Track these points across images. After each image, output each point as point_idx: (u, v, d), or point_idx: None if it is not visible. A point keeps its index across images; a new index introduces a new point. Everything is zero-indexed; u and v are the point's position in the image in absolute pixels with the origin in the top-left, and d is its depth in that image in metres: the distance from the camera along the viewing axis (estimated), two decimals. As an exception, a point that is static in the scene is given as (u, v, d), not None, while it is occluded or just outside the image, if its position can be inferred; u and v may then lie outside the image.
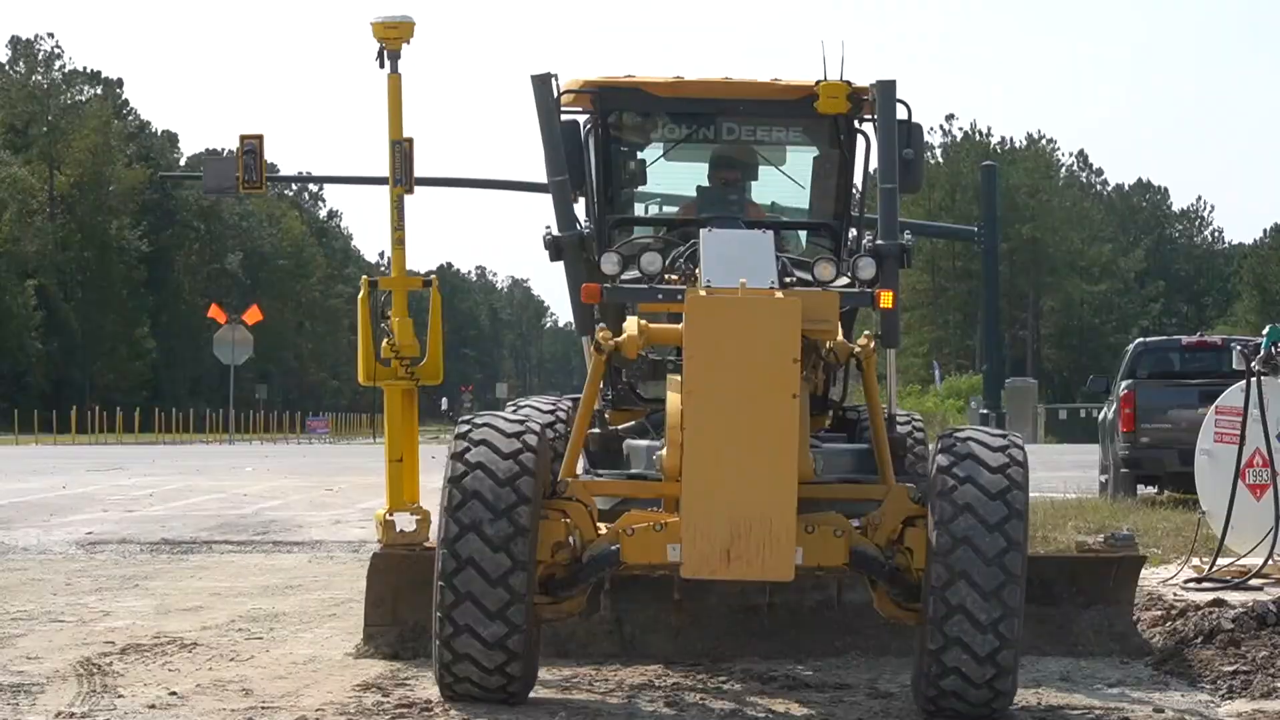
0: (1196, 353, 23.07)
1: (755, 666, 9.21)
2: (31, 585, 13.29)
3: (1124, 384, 22.65)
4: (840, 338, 8.49)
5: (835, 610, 9.59)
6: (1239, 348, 13.55)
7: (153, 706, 8.09)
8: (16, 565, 14.92)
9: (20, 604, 12.04)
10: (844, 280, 8.81)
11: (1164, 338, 25.80)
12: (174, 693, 8.43)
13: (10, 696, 8.28)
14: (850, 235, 10.04)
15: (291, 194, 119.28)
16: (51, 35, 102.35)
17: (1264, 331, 13.55)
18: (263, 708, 8.09)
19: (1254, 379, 13.13)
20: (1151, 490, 22.97)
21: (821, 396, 9.56)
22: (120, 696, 8.32)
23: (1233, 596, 11.24)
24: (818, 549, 7.93)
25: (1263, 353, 13.18)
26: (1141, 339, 25.44)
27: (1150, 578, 12.08)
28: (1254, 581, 12.25)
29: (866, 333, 8.91)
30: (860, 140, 9.96)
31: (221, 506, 22.45)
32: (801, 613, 9.61)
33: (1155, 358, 23.41)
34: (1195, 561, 13.18)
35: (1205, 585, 12.12)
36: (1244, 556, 12.97)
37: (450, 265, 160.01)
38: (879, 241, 9.34)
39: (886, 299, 8.72)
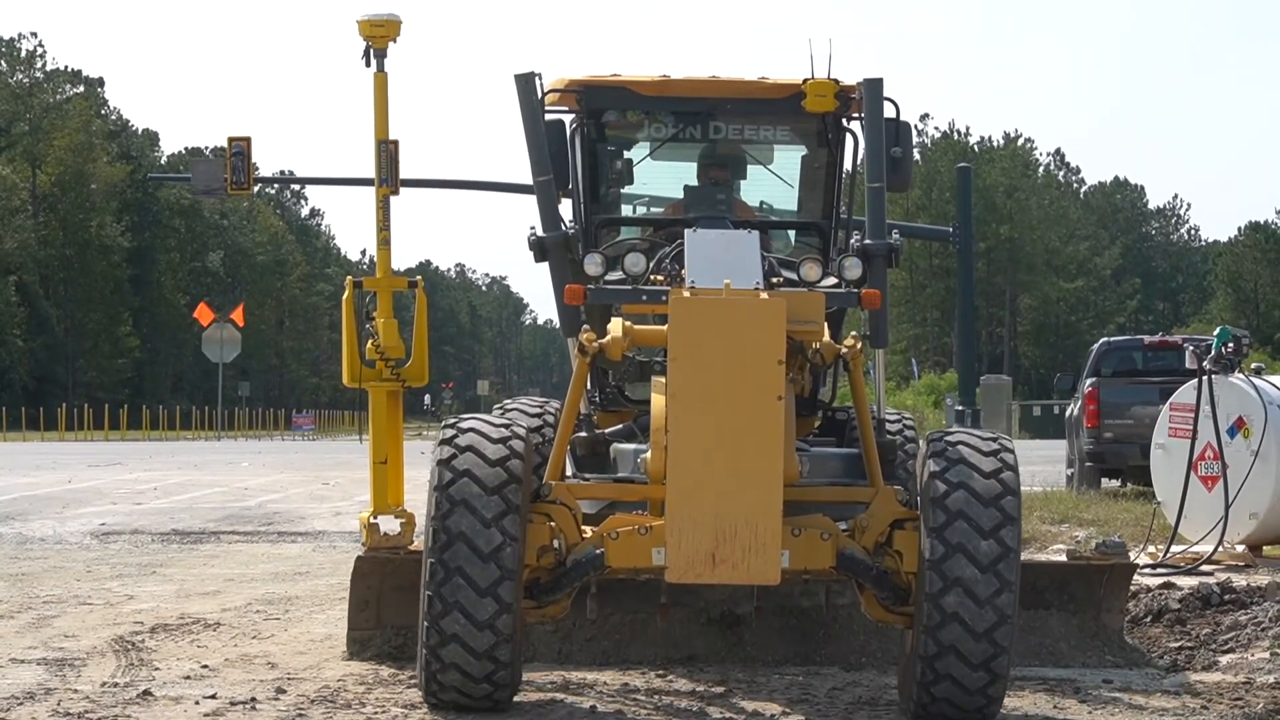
0: (1159, 352, 23.67)
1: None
2: (55, 572, 13.92)
3: (1089, 381, 23.29)
4: (827, 338, 8.30)
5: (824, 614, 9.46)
6: (1191, 348, 14.19)
7: (188, 677, 8.77)
8: (37, 554, 15.57)
9: (48, 589, 12.69)
10: (830, 280, 8.65)
11: (1127, 337, 26.35)
12: (205, 666, 9.12)
13: (58, 669, 8.99)
14: (839, 235, 9.80)
15: (273, 192, 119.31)
16: (34, 34, 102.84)
17: (1215, 332, 14.27)
18: (289, 678, 8.75)
19: (1205, 377, 13.84)
20: (1115, 483, 23.64)
21: (810, 398, 9.41)
22: (157, 669, 9.01)
23: (1183, 580, 11.80)
24: (804, 552, 7.80)
25: (1213, 352, 13.87)
26: (1105, 339, 25.97)
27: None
28: (1205, 567, 12.85)
29: (854, 333, 8.68)
30: (849, 139, 9.71)
31: (225, 500, 22.90)
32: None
33: (1119, 357, 24.01)
34: (1151, 549, 13.81)
35: (1160, 571, 12.68)
36: (1196, 544, 13.64)
37: (429, 263, 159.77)
38: (867, 241, 9.19)
39: (873, 299, 8.52)
